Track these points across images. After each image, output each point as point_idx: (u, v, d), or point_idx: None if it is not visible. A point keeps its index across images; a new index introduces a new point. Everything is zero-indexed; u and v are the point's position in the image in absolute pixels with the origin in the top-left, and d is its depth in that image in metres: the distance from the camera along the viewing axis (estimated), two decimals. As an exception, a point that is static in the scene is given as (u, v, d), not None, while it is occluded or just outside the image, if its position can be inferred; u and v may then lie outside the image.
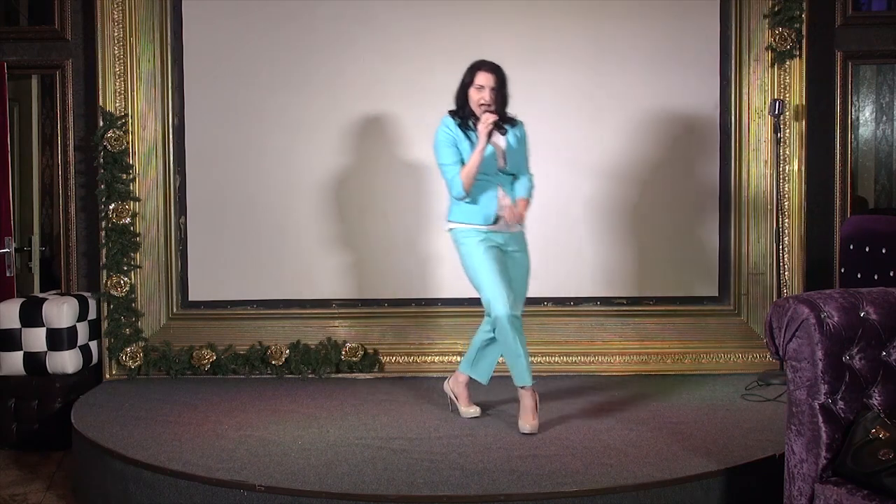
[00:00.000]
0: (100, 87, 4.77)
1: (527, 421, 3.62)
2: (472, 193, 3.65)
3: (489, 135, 3.60)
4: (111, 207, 4.76)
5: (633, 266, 4.86)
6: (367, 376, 4.75)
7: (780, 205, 4.69)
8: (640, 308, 4.85)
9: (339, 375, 4.75)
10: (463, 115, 3.71)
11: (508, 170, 3.72)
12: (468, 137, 3.68)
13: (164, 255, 4.86)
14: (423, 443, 3.52)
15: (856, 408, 2.57)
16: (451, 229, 3.76)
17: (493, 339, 3.74)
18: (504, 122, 3.71)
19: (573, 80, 4.82)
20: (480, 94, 3.65)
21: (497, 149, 3.70)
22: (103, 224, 4.77)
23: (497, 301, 3.57)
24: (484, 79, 3.65)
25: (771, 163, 4.70)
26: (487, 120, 3.58)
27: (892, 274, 4.04)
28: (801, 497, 2.60)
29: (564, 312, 4.81)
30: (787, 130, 4.70)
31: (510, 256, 3.75)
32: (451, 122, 3.70)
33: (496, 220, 3.69)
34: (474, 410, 3.91)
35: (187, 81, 4.88)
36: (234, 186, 4.88)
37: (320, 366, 4.73)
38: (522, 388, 3.65)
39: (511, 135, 3.73)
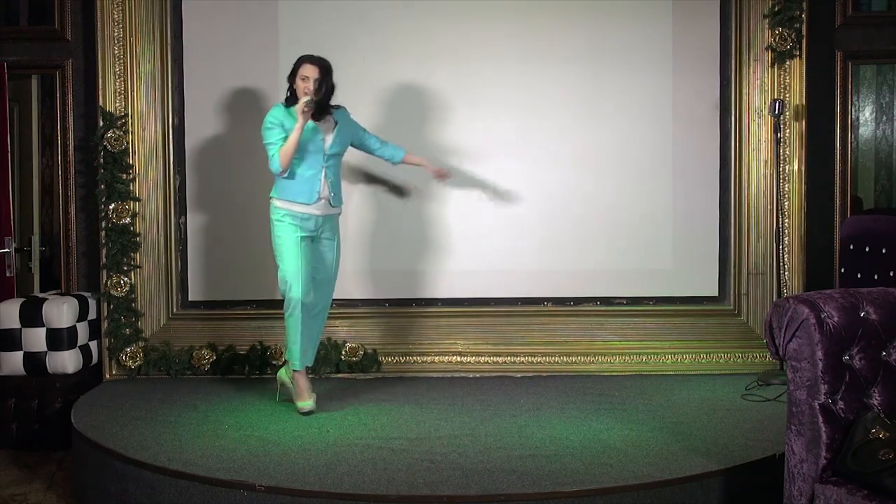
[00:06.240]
0: (100, 87, 4.77)
1: (303, 399, 3.98)
2: (298, 171, 3.96)
3: (304, 114, 3.86)
4: (111, 207, 4.76)
5: (633, 266, 4.86)
6: (367, 376, 4.75)
7: (780, 205, 4.69)
8: (640, 308, 4.85)
9: (339, 375, 4.75)
10: (293, 102, 3.99)
11: (335, 150, 4.04)
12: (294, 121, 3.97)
13: (163, 255, 4.86)
14: (423, 443, 3.52)
15: (856, 408, 2.57)
16: (272, 204, 4.03)
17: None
18: (326, 108, 4.01)
19: (573, 80, 4.82)
20: (305, 85, 3.93)
21: (324, 130, 4.02)
22: (103, 224, 4.77)
23: (295, 286, 3.93)
24: (308, 70, 3.95)
25: (771, 163, 4.70)
26: (302, 101, 3.86)
27: (892, 274, 4.04)
28: (801, 497, 2.60)
29: (564, 312, 4.80)
30: (787, 130, 4.70)
31: (320, 242, 4.08)
32: (277, 110, 4.00)
33: (318, 199, 3.98)
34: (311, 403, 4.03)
35: (187, 81, 4.87)
36: (234, 186, 4.88)
37: (320, 366, 4.72)
38: (295, 371, 4.01)
39: (341, 117, 4.09)
